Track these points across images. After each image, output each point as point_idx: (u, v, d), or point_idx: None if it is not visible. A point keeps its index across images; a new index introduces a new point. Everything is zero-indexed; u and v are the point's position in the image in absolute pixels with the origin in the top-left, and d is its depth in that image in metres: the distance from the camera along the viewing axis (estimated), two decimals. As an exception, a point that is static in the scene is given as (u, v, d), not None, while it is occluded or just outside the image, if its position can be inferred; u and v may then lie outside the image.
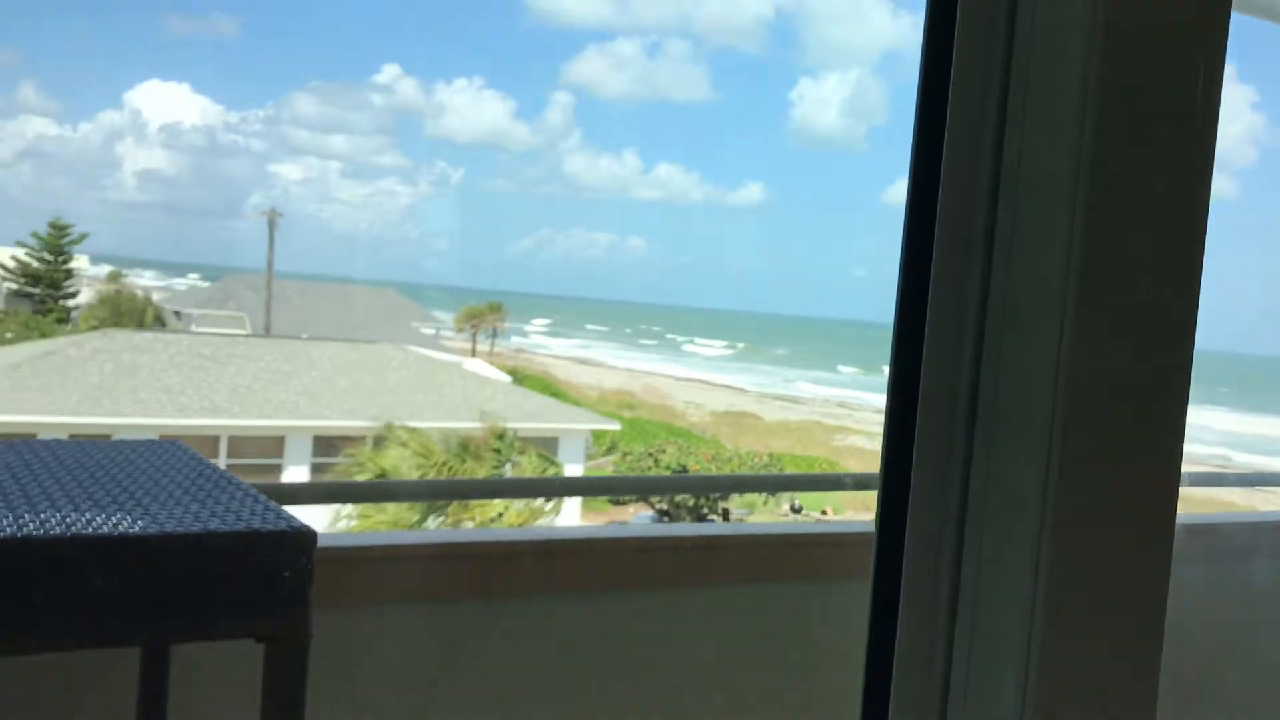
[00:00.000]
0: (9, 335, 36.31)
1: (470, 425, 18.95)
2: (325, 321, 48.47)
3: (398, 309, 55.02)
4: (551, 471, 13.25)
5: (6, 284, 47.37)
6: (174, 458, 1.69)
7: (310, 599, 1.28)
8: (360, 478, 12.87)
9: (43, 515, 1.24)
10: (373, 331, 46.71)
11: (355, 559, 2.23)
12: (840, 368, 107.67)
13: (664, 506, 34.64)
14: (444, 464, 12.24)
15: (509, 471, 13.10)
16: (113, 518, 1.25)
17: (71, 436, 21.38)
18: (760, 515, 37.18)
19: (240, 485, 1.51)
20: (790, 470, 42.37)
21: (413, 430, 13.76)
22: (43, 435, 21.32)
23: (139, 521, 1.25)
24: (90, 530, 1.19)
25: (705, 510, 33.88)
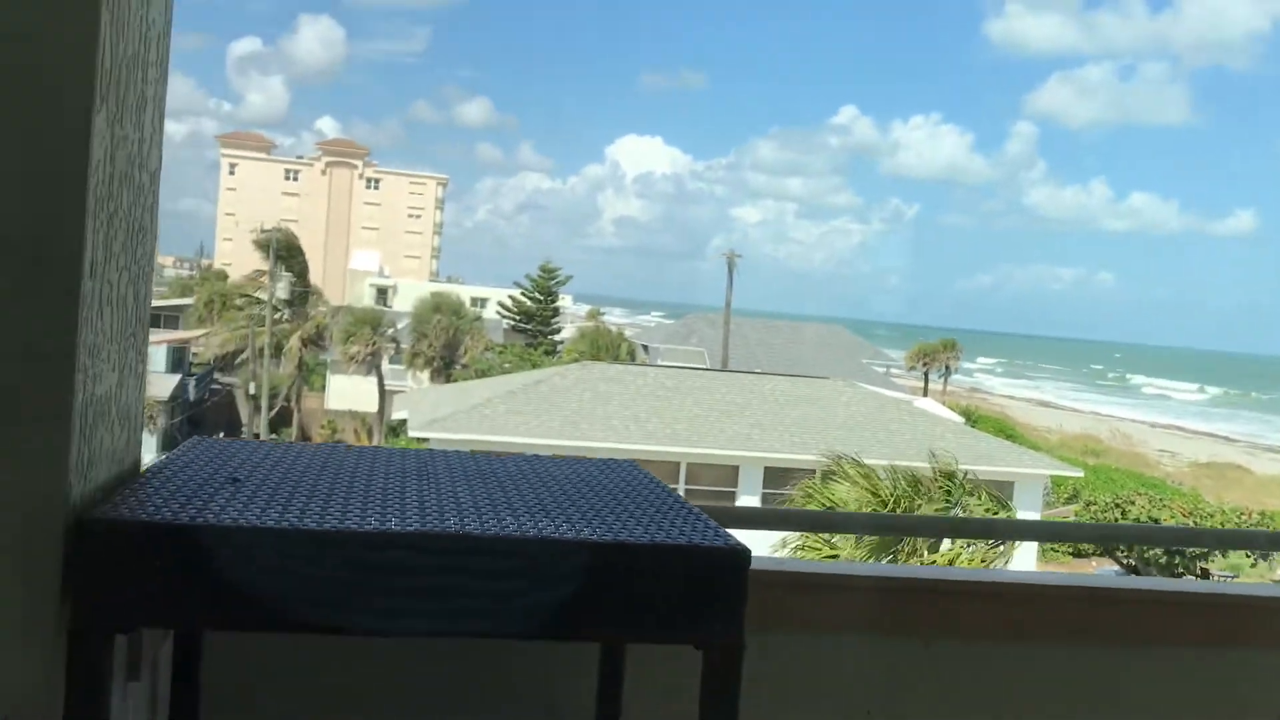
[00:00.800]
0: (507, 365, 41.03)
1: (919, 464, 18.63)
2: (778, 357, 49.94)
3: (848, 346, 55.47)
4: (1004, 515, 12.62)
5: (506, 320, 53.64)
6: (631, 477, 1.86)
7: (743, 612, 1.37)
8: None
9: (521, 520, 1.43)
10: (823, 367, 47.41)
11: (797, 583, 2.31)
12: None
13: (1130, 561, 31.88)
14: (893, 501, 12.09)
15: (959, 513, 12.67)
16: (576, 526, 1.41)
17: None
18: (1248, 578, 33.09)
19: (686, 506, 1.64)
20: (1288, 532, 37.30)
21: (860, 466, 13.75)
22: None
23: (597, 530, 1.40)
24: (557, 535, 1.36)
25: (1180, 569, 30.74)
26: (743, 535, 1.52)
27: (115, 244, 1.45)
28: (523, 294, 53.71)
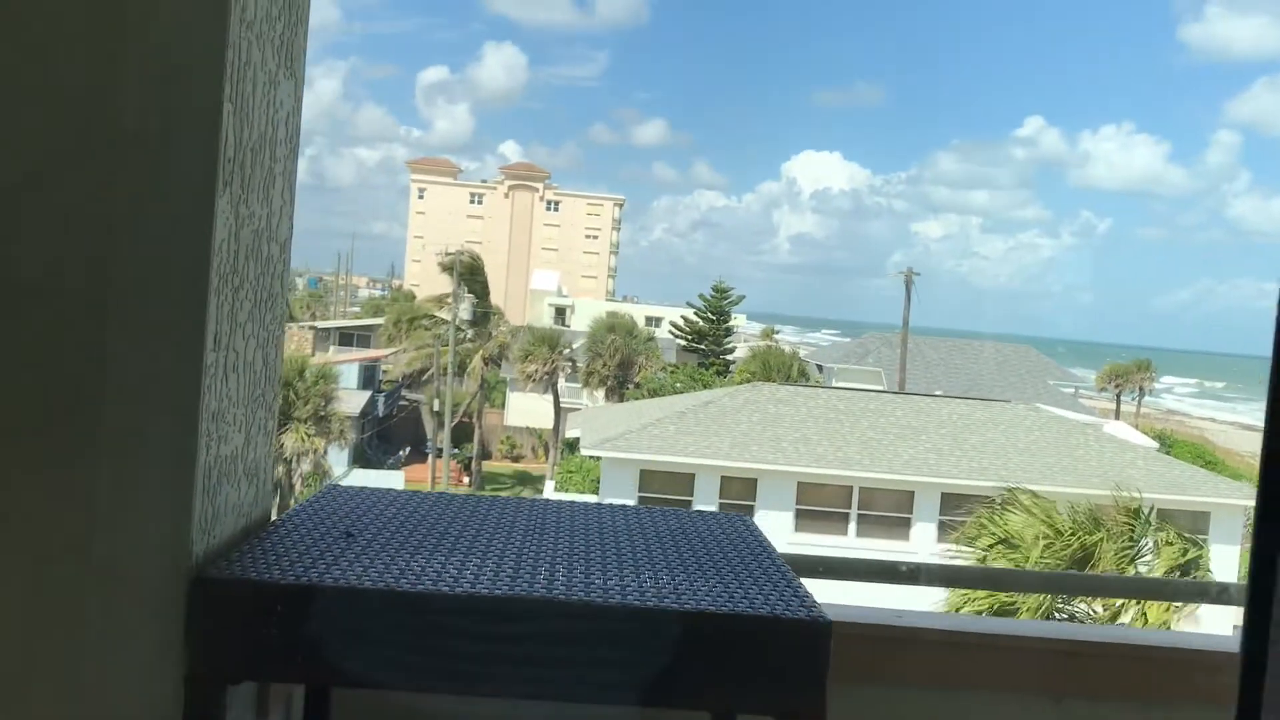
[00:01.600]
0: (679, 385, 41.27)
1: (1103, 493, 17.78)
2: (959, 377, 48.53)
3: (1034, 366, 53.38)
4: (1193, 555, 11.87)
5: (679, 340, 53.99)
6: (736, 533, 1.87)
7: (824, 683, 1.36)
8: (982, 542, 12.63)
9: (609, 581, 1.46)
10: (1007, 388, 45.81)
11: (901, 639, 2.25)
12: None
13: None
14: (1070, 535, 11.55)
15: (1147, 552, 12.00)
16: (663, 592, 1.43)
17: (722, 479, 23.54)
18: None
19: (782, 569, 1.64)
20: None
21: (1037, 497, 13.20)
22: (699, 476, 23.87)
23: (684, 596, 1.42)
24: (634, 601, 1.38)
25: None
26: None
27: (241, 314, 1.57)
28: (695, 314, 53.94)
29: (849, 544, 23.69)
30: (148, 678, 1.39)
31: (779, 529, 23.68)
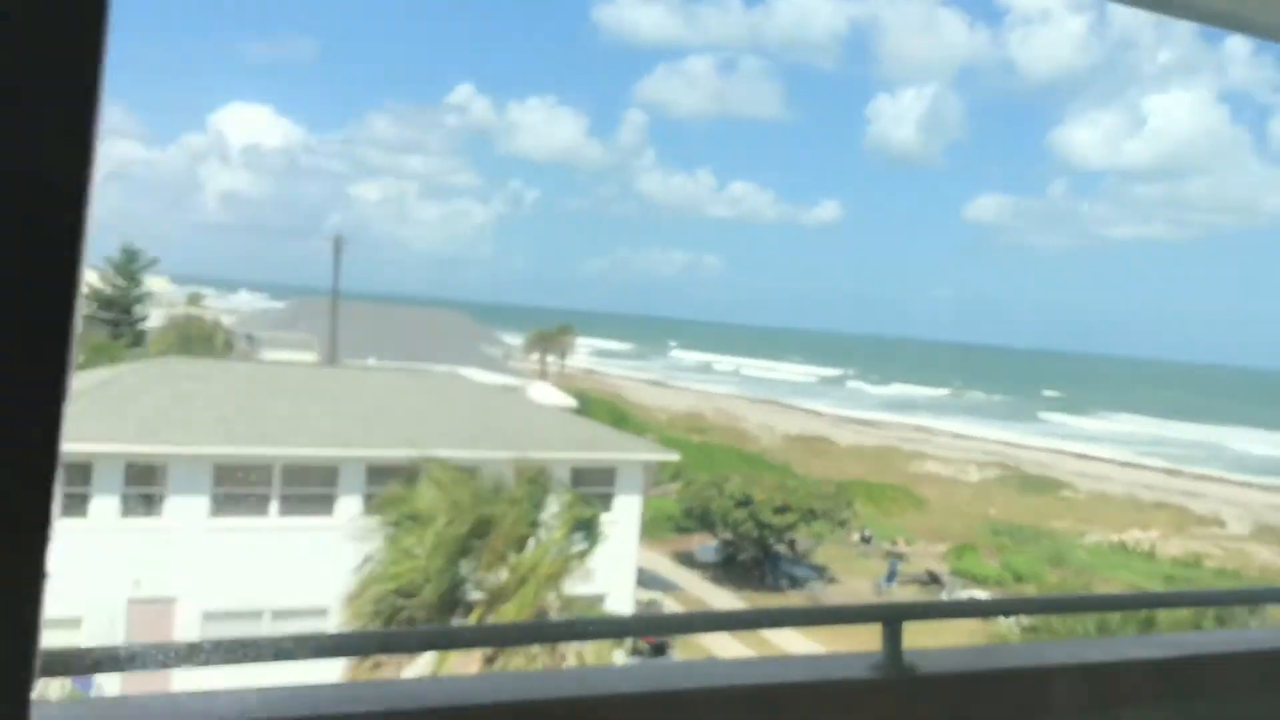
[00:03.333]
0: (80, 359, 36.56)
1: (526, 456, 18.33)
2: (393, 344, 48.52)
3: (467, 331, 54.99)
4: (589, 513, 12.47)
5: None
6: None
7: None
8: (392, 518, 12.27)
9: None
10: (440, 354, 46.60)
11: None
12: (923, 390, 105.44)
13: (728, 536, 33.71)
14: (470, 508, 11.53)
15: (546, 515, 12.39)
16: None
17: (127, 466, 21.16)
18: (829, 547, 36.06)
19: None
20: (861, 495, 41.11)
21: (448, 469, 13.11)
22: (98, 465, 21.24)
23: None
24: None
25: (771, 541, 32.90)
26: None
27: None
28: (100, 278, 48.47)
29: (271, 524, 22.47)
30: None
31: (193, 516, 21.81)
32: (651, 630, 3.47)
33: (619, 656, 16.97)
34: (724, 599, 30.45)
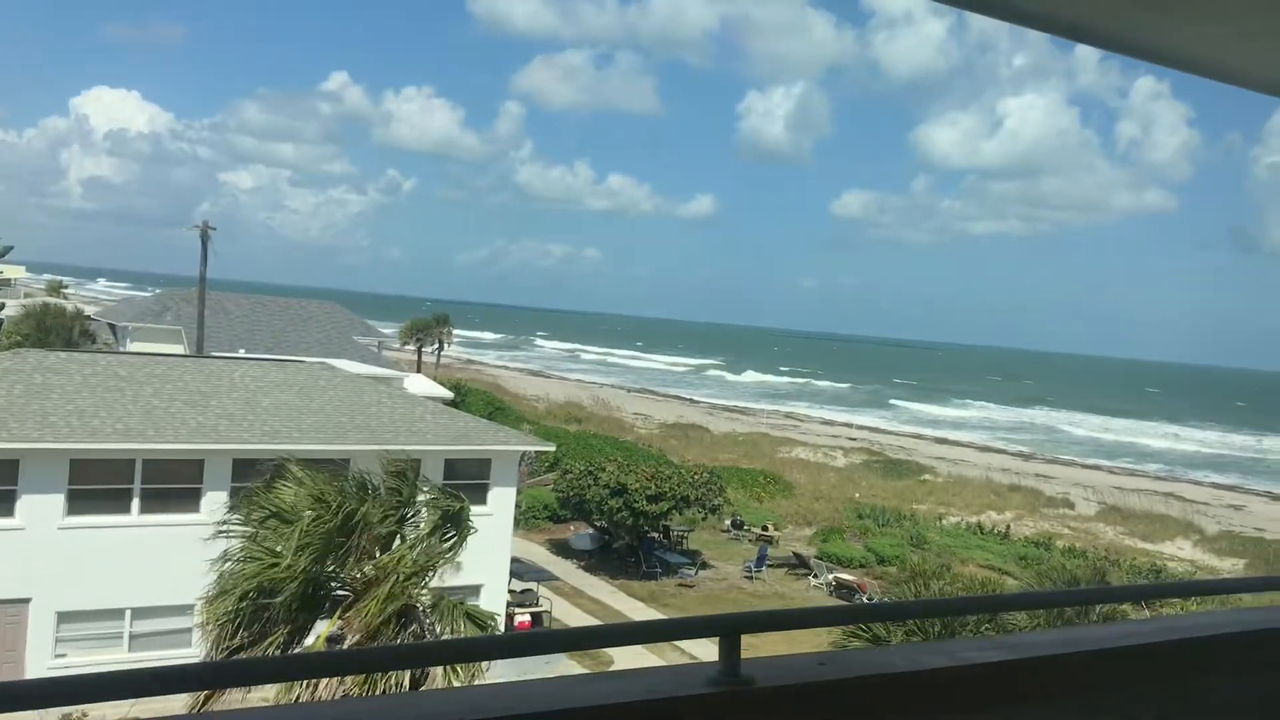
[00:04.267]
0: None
1: (398, 449, 18.30)
2: (264, 335, 47.47)
3: (340, 322, 54.00)
4: (460, 507, 12.58)
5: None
6: None
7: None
8: (256, 515, 12.20)
9: None
10: (314, 345, 45.79)
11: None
12: (790, 378, 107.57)
13: (602, 524, 34.11)
14: (337, 506, 11.53)
15: (415, 509, 12.47)
16: None
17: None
18: (702, 533, 36.75)
19: None
20: (734, 482, 41.99)
21: (315, 464, 13.07)
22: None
23: None
24: None
25: (646, 528, 33.41)
26: None
27: None
28: (-50, 268, 46.25)
29: (133, 521, 21.94)
30: None
31: (48, 514, 21.15)
32: (462, 658, 3.20)
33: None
34: (599, 586, 30.84)
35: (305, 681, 10.10)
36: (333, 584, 11.78)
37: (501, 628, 22.25)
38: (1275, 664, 3.15)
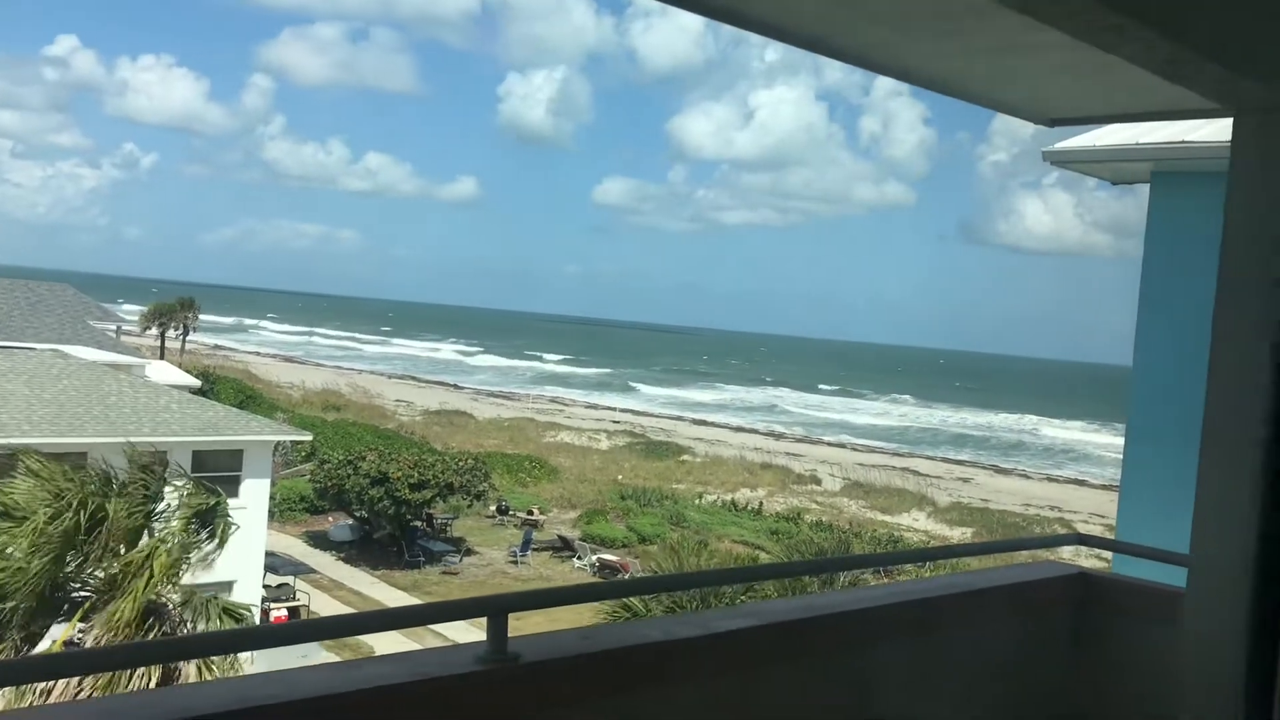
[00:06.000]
0: None
1: (140, 440, 17.35)
2: (-15, 321, 43.61)
3: (74, 306, 50.26)
4: (211, 501, 12.07)
5: None
6: None
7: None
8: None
9: None
10: (43, 331, 42.48)
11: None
12: (557, 365, 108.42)
13: (362, 514, 33.44)
14: (79, 503, 10.84)
15: (162, 504, 11.87)
16: None
17: None
18: (467, 520, 36.66)
19: None
20: (499, 467, 42.02)
21: (49, 458, 12.23)
22: None
23: None
24: None
25: (409, 517, 32.99)
26: None
27: None
28: None
29: None
30: None
31: None
32: (221, 650, 3.26)
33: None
34: (359, 578, 30.23)
35: (37, 687, 9.50)
36: (72, 586, 11.08)
37: (258, 623, 21.50)
38: (995, 618, 3.59)
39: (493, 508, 38.48)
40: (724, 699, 2.73)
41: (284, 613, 25.41)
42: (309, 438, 33.71)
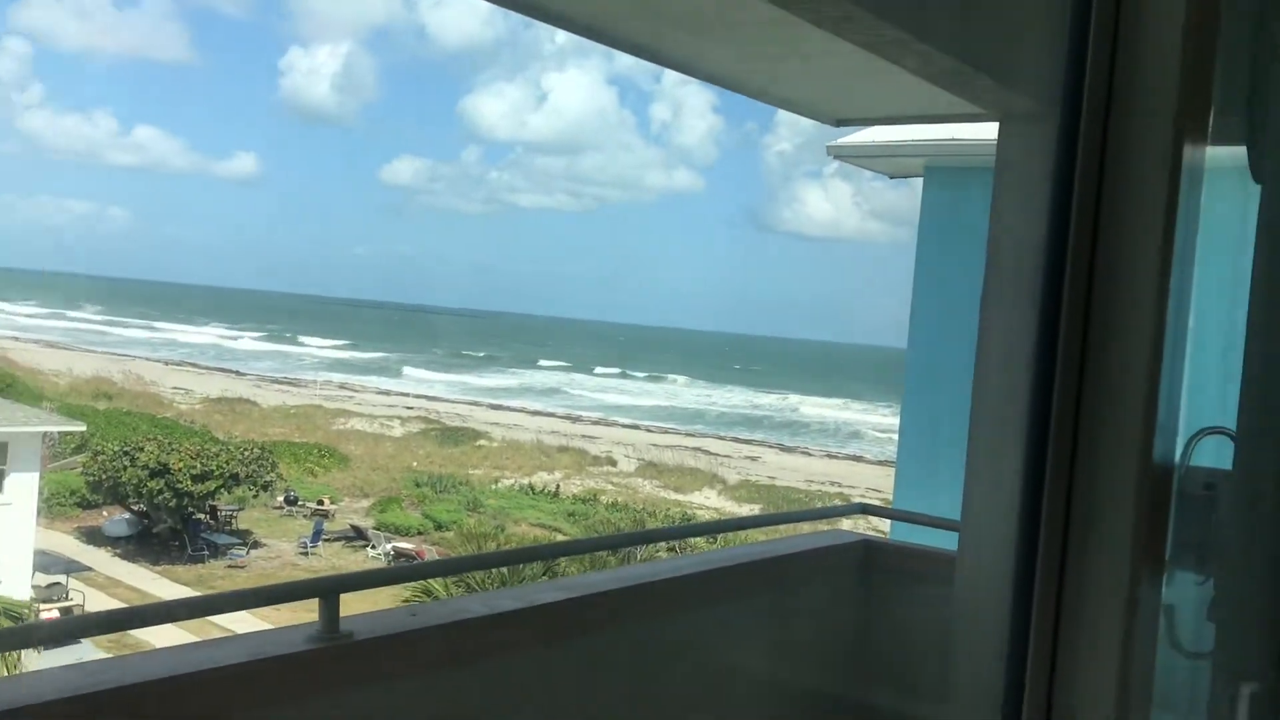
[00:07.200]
0: None
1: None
2: None
3: None
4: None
5: None
6: None
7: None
8: None
9: None
10: None
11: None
12: (346, 350, 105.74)
13: (141, 507, 31.81)
14: None
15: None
16: None
17: None
18: (253, 511, 35.40)
19: None
20: (286, 457, 40.71)
21: None
22: None
23: None
24: None
25: (192, 510, 31.58)
26: None
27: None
28: None
29: None
30: None
31: None
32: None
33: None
34: (139, 574, 28.75)
35: None
36: None
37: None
38: (775, 586, 3.90)
39: (280, 498, 37.25)
40: (547, 667, 2.90)
41: (55, 614, 23.93)
42: (82, 428, 31.77)
